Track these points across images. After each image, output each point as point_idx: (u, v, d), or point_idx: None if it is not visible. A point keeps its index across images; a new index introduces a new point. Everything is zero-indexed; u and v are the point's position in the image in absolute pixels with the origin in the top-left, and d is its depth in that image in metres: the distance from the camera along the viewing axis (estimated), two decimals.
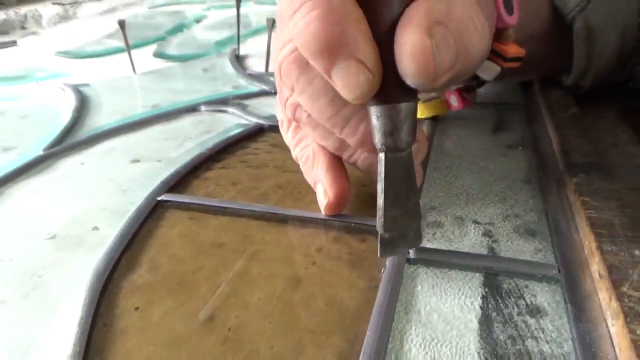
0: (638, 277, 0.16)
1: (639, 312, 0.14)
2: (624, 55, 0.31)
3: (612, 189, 0.21)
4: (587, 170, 0.22)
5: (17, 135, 0.33)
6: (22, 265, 0.20)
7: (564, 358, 0.15)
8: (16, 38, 0.66)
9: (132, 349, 0.16)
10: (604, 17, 0.28)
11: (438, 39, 0.14)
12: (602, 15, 0.28)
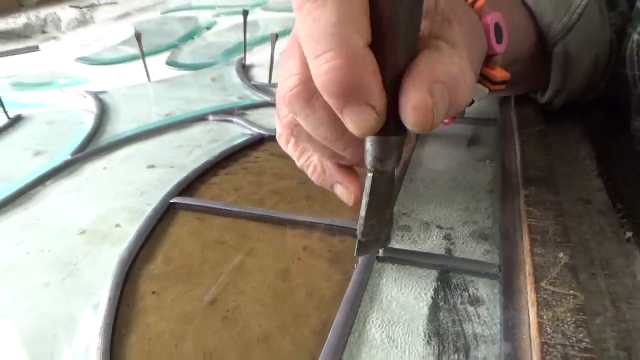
0: (556, 275, 0.20)
1: (550, 302, 0.18)
2: (595, 78, 0.34)
3: (555, 201, 0.24)
4: (538, 184, 0.26)
5: (46, 141, 0.37)
6: (59, 255, 0.25)
7: (491, 337, 0.19)
8: (38, 42, 0.70)
9: (150, 324, 0.20)
10: (580, 45, 0.32)
11: (437, 96, 0.17)
12: (579, 43, 0.31)
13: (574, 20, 0.30)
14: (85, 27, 0.79)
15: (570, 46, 0.31)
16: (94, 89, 0.48)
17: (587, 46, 0.32)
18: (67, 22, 0.82)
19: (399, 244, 0.24)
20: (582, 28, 0.31)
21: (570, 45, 0.31)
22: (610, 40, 0.34)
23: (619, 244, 0.24)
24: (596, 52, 0.33)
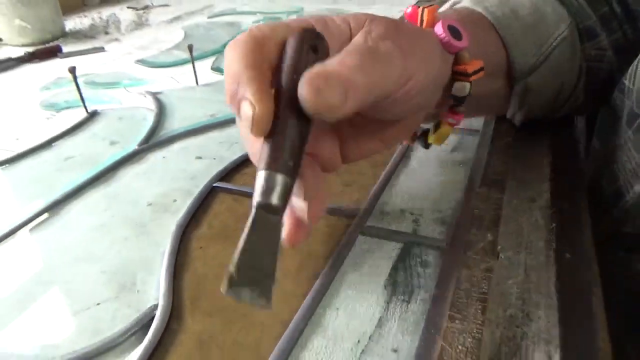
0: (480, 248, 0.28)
1: (471, 265, 0.26)
2: (560, 100, 0.38)
3: (497, 197, 0.32)
4: (491, 185, 0.34)
5: (118, 133, 0.47)
6: (134, 219, 0.34)
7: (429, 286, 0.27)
8: (102, 43, 0.81)
9: (197, 267, 0.29)
10: (543, 81, 0.35)
11: (320, 85, 0.19)
12: (542, 78, 0.34)
13: (540, 62, 0.34)
14: (142, 29, 0.90)
15: (531, 84, 0.34)
16: (152, 90, 0.58)
17: (550, 82, 0.35)
18: (126, 24, 0.93)
19: (380, 223, 0.33)
20: (548, 66, 0.34)
21: (531, 84, 0.34)
22: (579, 69, 0.37)
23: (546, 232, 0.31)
24: (561, 81, 0.36)
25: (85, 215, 0.35)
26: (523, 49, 0.33)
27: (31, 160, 0.43)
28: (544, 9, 0.35)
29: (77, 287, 0.28)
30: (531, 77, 0.34)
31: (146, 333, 0.25)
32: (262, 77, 0.21)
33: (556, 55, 0.34)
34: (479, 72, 0.28)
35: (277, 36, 0.23)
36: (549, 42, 0.34)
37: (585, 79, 0.38)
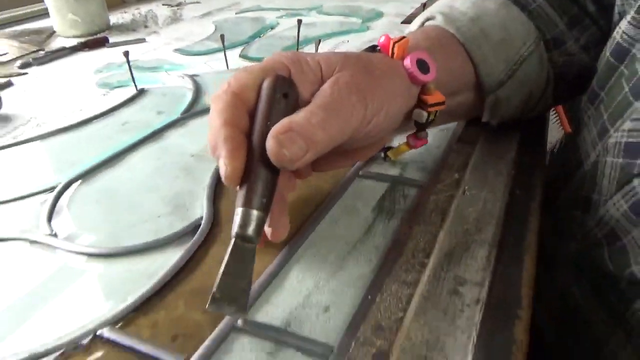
0: (448, 183, 0.36)
1: (444, 192, 0.35)
2: (530, 106, 0.42)
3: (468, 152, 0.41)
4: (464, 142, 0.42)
5: (163, 105, 0.57)
6: (181, 165, 0.43)
7: (404, 210, 0.36)
8: (143, 35, 0.92)
9: (231, 197, 0.38)
10: (512, 92, 0.38)
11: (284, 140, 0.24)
12: (511, 91, 0.38)
13: (508, 77, 0.37)
14: (177, 24, 1.00)
15: (500, 97, 0.38)
16: (189, 73, 0.67)
17: (519, 92, 0.39)
18: (163, 19, 1.04)
19: (373, 169, 0.41)
20: (516, 80, 0.38)
21: (501, 97, 0.38)
22: (547, 77, 0.40)
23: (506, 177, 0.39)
24: (530, 90, 0.39)
25: (143, 162, 0.45)
26: (491, 67, 0.37)
27: (97, 124, 0.53)
28: (511, 27, 0.38)
29: (144, 206, 0.38)
30: (500, 90, 0.38)
31: (194, 235, 0.34)
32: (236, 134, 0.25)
33: (524, 69, 0.38)
34: (439, 105, 0.31)
35: (254, 83, 0.27)
36: (515, 59, 0.37)
37: (554, 85, 0.41)
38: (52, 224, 0.36)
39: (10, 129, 0.53)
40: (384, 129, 0.30)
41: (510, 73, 0.38)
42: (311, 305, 0.28)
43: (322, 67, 0.28)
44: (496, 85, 0.38)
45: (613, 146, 0.34)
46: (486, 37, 0.37)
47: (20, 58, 0.78)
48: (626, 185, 0.33)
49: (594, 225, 0.36)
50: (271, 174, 0.25)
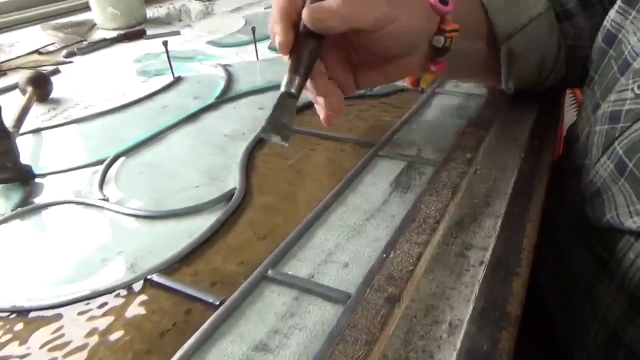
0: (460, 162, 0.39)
1: (455, 169, 0.38)
2: (544, 73, 0.46)
3: (482, 134, 0.43)
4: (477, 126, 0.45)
5: (198, 91, 0.61)
6: (215, 144, 0.48)
7: (419, 185, 0.39)
8: (177, 28, 0.97)
9: (261, 171, 0.42)
10: (524, 46, 0.43)
11: (314, 8, 0.31)
12: (523, 44, 0.43)
13: (517, 31, 0.42)
14: (209, 18, 1.05)
15: (514, 47, 0.43)
16: (222, 63, 0.72)
17: (531, 48, 0.43)
18: (195, 13, 1.08)
19: (393, 150, 0.44)
20: (525, 36, 0.42)
21: (514, 46, 0.43)
22: (558, 43, 0.45)
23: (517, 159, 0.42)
24: (543, 53, 0.44)
25: (182, 140, 0.49)
26: (503, 18, 0.42)
27: (139, 107, 0.57)
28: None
29: (184, 178, 0.42)
30: (512, 41, 0.43)
31: (228, 202, 0.38)
32: (287, 17, 0.32)
33: (534, 26, 0.43)
34: (454, 31, 0.37)
35: None
36: (527, 15, 0.43)
37: (567, 53, 0.46)
38: (103, 190, 0.40)
39: (60, 111, 0.58)
40: (407, 36, 0.36)
41: (520, 27, 0.42)
42: (332, 262, 0.31)
43: None
44: (507, 34, 0.42)
45: (601, 116, 0.39)
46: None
47: (65, 48, 0.83)
48: (609, 148, 0.37)
49: (584, 187, 0.40)
50: (312, 45, 0.32)
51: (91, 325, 0.27)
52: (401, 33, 0.35)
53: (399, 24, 0.34)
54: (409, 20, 0.35)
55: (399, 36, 0.35)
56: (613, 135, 0.37)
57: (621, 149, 0.35)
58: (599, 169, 0.38)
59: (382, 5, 0.33)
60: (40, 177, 0.43)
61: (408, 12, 0.35)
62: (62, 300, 0.29)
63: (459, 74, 0.46)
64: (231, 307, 0.28)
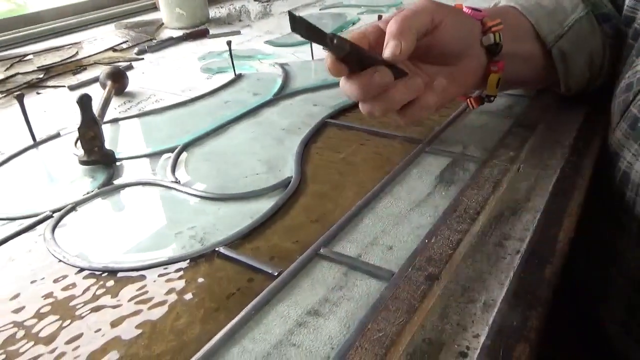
0: (502, 159, 0.41)
1: (498, 166, 0.40)
2: (594, 70, 0.49)
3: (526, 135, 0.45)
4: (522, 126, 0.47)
5: (258, 88, 0.66)
6: (274, 136, 0.52)
7: (463, 180, 0.41)
8: (237, 28, 1.02)
9: (315, 162, 0.46)
10: (573, 45, 0.46)
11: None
12: (572, 43, 0.46)
13: (564, 32, 0.46)
14: (267, 18, 1.10)
15: (564, 46, 0.46)
16: (279, 62, 0.76)
17: (579, 47, 0.46)
18: (254, 13, 1.14)
19: (438, 147, 0.47)
20: (572, 36, 0.46)
21: (564, 45, 0.46)
22: (602, 42, 0.48)
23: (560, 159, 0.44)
24: (589, 50, 0.47)
25: (243, 132, 0.53)
26: (547, 24, 0.46)
27: (203, 102, 0.63)
28: (561, 1, 0.47)
29: (245, 166, 0.46)
30: (560, 41, 0.46)
31: (286, 188, 0.42)
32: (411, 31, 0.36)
33: (577, 28, 0.46)
34: (498, 25, 0.41)
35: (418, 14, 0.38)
36: (568, 20, 0.46)
37: (610, 51, 0.49)
38: (175, 174, 0.45)
39: (135, 103, 0.65)
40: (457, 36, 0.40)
41: (565, 30, 0.46)
42: (378, 244, 0.35)
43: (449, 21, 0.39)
44: (554, 38, 0.46)
45: (619, 90, 0.44)
46: (541, 6, 0.47)
47: (137, 45, 0.91)
48: (626, 112, 0.42)
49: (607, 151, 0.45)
50: None
51: (169, 286, 0.32)
52: (452, 32, 0.39)
53: (447, 23, 0.39)
54: (454, 21, 0.40)
55: (451, 36, 0.40)
56: (628, 100, 0.42)
57: (636, 109, 0.41)
58: (616, 132, 0.43)
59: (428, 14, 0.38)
60: (119, 160, 0.49)
61: (452, 13, 0.40)
62: (145, 264, 0.34)
63: (516, 79, 0.47)
64: (287, 278, 0.32)
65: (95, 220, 0.40)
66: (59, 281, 0.33)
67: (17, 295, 0.32)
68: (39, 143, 0.54)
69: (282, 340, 0.27)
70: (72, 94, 0.70)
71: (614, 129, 0.44)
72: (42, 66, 0.80)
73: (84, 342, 0.28)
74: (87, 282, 0.33)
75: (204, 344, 0.27)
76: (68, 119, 0.60)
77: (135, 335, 0.28)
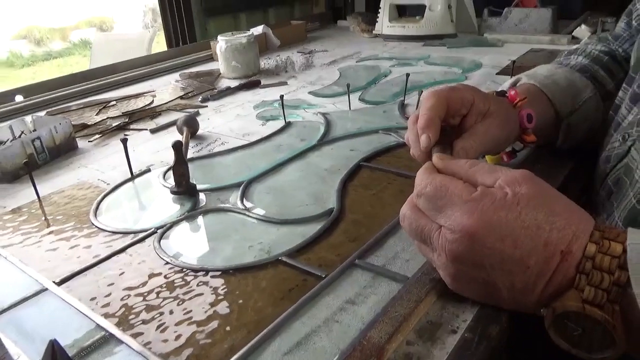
0: None
1: None
2: (591, 134, 0.59)
3: None
4: None
5: (305, 135, 0.80)
6: (319, 175, 0.65)
7: None
8: (284, 78, 1.18)
9: (352, 197, 0.59)
10: (578, 121, 0.56)
11: None
12: (578, 120, 0.56)
13: (574, 109, 0.56)
14: (310, 69, 1.26)
15: (571, 122, 0.56)
16: (321, 111, 0.90)
17: (583, 122, 0.57)
18: (298, 65, 1.30)
19: None
20: (580, 113, 0.56)
21: (571, 122, 0.56)
22: (602, 119, 0.57)
23: None
24: (590, 125, 0.58)
25: (293, 172, 0.67)
26: (562, 102, 0.56)
27: (261, 145, 0.77)
28: (574, 81, 0.58)
29: (296, 198, 0.60)
30: (570, 118, 0.56)
31: (329, 216, 0.55)
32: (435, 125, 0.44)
33: (584, 108, 0.57)
34: (532, 143, 0.51)
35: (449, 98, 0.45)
36: (579, 98, 0.56)
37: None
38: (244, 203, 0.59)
39: (205, 145, 0.80)
40: (502, 147, 0.52)
41: (576, 107, 0.56)
42: (399, 258, 0.47)
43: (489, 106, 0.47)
44: (567, 113, 0.56)
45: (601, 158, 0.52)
46: (557, 85, 0.57)
47: (201, 94, 1.07)
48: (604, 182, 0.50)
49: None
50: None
51: (248, 283, 0.45)
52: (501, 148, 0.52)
53: (500, 147, 0.51)
54: (507, 139, 0.50)
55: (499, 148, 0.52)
56: (605, 171, 0.50)
57: (611, 182, 0.48)
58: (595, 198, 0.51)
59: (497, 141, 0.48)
60: (200, 192, 0.63)
61: (507, 134, 0.49)
62: (229, 266, 0.47)
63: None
64: (331, 279, 0.44)
65: (188, 236, 0.54)
66: (169, 277, 0.47)
67: (144, 283, 0.46)
68: (136, 176, 0.69)
69: (329, 318, 0.40)
70: (152, 136, 0.86)
71: (596, 192, 0.51)
72: (126, 112, 0.97)
73: (194, 314, 0.41)
74: (188, 277, 0.46)
75: (275, 319, 0.40)
76: (152, 157, 0.75)
77: (227, 312, 0.41)
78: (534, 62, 1.03)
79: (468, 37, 1.49)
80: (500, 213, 0.33)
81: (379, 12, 1.58)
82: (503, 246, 0.33)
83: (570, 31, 1.42)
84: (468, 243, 0.34)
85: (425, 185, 0.37)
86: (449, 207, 0.35)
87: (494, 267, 0.34)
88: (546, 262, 0.33)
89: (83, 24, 6.59)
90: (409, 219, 0.39)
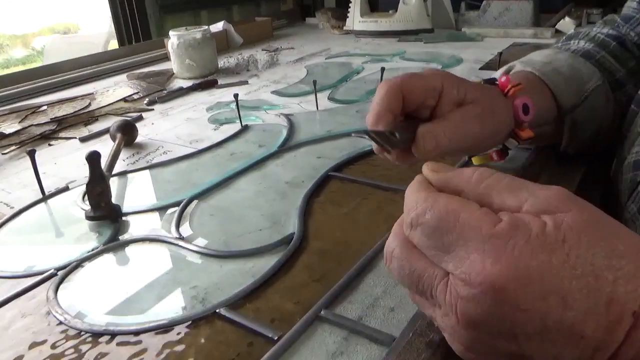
0: None
1: None
2: (601, 136, 0.50)
3: None
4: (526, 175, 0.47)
5: (264, 140, 0.67)
6: (278, 190, 0.52)
7: None
8: (245, 77, 1.05)
9: (318, 218, 0.46)
10: (585, 116, 0.47)
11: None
12: (585, 115, 0.47)
13: (580, 102, 0.46)
14: (274, 68, 1.13)
15: (577, 117, 0.47)
16: (284, 112, 0.78)
17: (590, 116, 0.47)
18: (262, 63, 1.17)
19: None
20: (587, 107, 0.46)
21: (577, 116, 0.47)
22: (613, 113, 0.48)
23: None
24: (600, 123, 0.48)
25: (248, 186, 0.54)
26: (566, 94, 0.46)
27: (210, 154, 0.64)
28: (578, 69, 0.48)
29: (249, 221, 0.47)
30: (575, 113, 0.47)
31: (288, 245, 0.42)
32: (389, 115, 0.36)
33: (591, 100, 0.47)
34: (528, 139, 0.41)
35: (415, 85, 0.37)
36: (585, 89, 0.46)
37: (620, 121, 0.48)
38: (179, 230, 0.46)
39: (143, 155, 0.66)
40: (489, 144, 0.42)
41: (582, 100, 0.47)
42: (380, 306, 0.34)
43: (465, 94, 0.37)
44: (571, 107, 0.46)
45: (626, 167, 0.42)
46: (559, 73, 0.47)
47: (148, 96, 0.93)
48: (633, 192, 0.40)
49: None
50: None
51: (168, 351, 0.32)
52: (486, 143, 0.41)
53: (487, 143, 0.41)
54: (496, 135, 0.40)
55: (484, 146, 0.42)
56: (635, 180, 0.39)
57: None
58: (625, 214, 0.40)
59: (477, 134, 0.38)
60: (125, 215, 0.50)
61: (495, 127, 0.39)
62: (145, 327, 0.34)
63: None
64: (287, 342, 0.31)
65: (99, 278, 0.40)
66: (57, 346, 0.33)
67: (19, 359, 0.32)
68: (48, 197, 0.55)
69: None
70: (82, 145, 0.72)
71: (623, 208, 0.41)
72: (56, 117, 0.83)
73: None
74: (84, 346, 0.33)
75: None
76: (78, 170, 0.61)
77: None
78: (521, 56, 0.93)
79: (445, 32, 1.39)
80: (540, 256, 0.21)
81: (349, 7, 1.46)
82: (546, 307, 0.21)
83: (554, 24, 1.33)
84: (492, 302, 0.22)
85: (422, 212, 0.25)
86: (462, 245, 0.23)
87: (530, 337, 0.22)
88: (610, 330, 0.21)
89: (46, 31, 6.33)
90: (399, 260, 0.27)
